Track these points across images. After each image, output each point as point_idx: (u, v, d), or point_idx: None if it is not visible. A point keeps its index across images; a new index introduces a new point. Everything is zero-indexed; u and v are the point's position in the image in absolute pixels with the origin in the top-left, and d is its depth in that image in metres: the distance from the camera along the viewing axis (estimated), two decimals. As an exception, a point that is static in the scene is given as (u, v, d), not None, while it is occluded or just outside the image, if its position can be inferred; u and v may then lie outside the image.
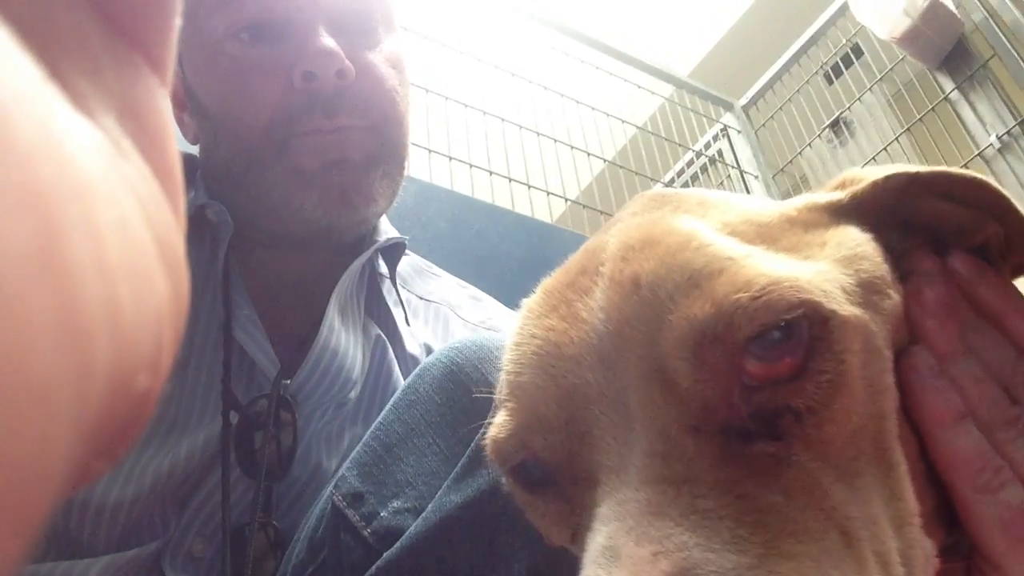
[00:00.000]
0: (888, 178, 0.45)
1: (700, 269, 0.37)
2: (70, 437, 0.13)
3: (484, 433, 0.61)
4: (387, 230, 1.06)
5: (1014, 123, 2.29)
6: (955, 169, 0.46)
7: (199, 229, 0.93)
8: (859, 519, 0.35)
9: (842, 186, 0.47)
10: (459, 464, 0.62)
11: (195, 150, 1.02)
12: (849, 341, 0.37)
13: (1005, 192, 0.45)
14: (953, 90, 2.48)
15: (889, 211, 0.46)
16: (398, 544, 0.61)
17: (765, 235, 0.41)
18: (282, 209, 0.91)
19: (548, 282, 0.45)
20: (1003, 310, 0.44)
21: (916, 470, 0.40)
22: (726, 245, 0.39)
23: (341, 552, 0.65)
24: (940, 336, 0.43)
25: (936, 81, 2.56)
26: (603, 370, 0.38)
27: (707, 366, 0.36)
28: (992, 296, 0.45)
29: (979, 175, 0.46)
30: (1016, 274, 0.48)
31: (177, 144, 0.19)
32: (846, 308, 0.38)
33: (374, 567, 0.61)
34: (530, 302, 0.45)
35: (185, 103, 0.98)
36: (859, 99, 2.77)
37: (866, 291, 0.40)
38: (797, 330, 0.36)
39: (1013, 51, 2.31)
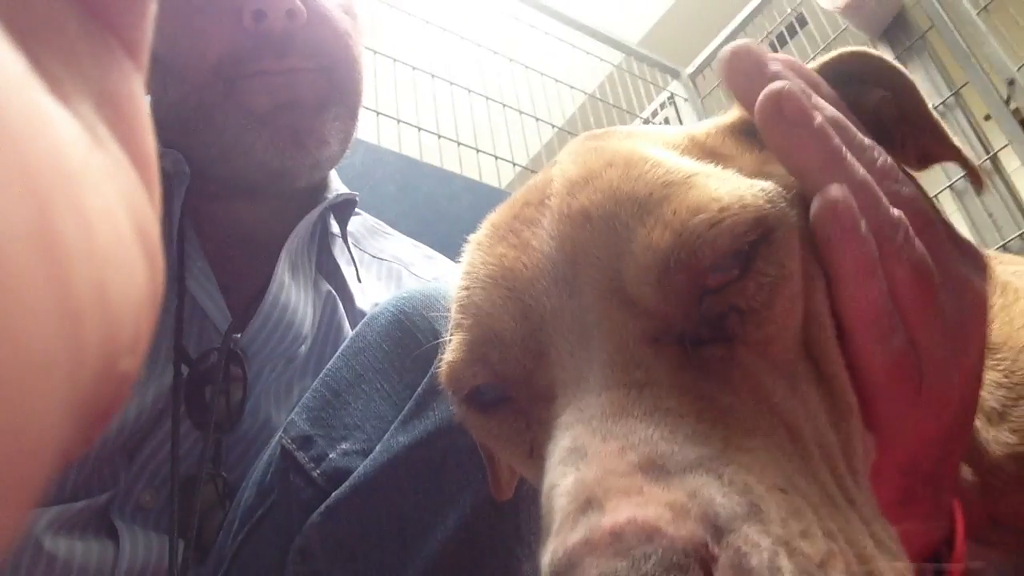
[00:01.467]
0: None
1: (648, 196, 0.39)
2: (63, 415, 0.14)
3: (432, 377, 0.63)
4: (338, 187, 1.06)
5: (949, 93, 2.36)
6: (833, 55, 0.48)
7: None
8: (801, 415, 0.37)
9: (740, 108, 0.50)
10: (406, 407, 0.64)
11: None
12: (791, 247, 0.39)
13: (887, 59, 0.47)
14: (893, 60, 2.54)
15: None
16: (347, 484, 0.63)
17: (690, 155, 0.43)
18: (233, 151, 0.90)
19: (493, 217, 0.46)
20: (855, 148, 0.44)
21: None
22: (666, 168, 0.40)
23: (291, 493, 0.66)
24: (817, 144, 0.41)
25: (877, 51, 2.61)
26: (558, 293, 0.40)
27: (670, 290, 0.38)
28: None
29: (860, 48, 0.48)
30: (922, 164, 0.49)
31: (152, 129, 0.19)
32: (786, 217, 0.39)
33: (324, 505, 0.63)
34: (477, 236, 0.46)
35: None
36: (802, 68, 2.82)
37: (795, 198, 0.42)
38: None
39: (949, 23, 2.37)
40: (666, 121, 3.19)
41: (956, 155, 0.48)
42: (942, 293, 0.42)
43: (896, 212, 0.41)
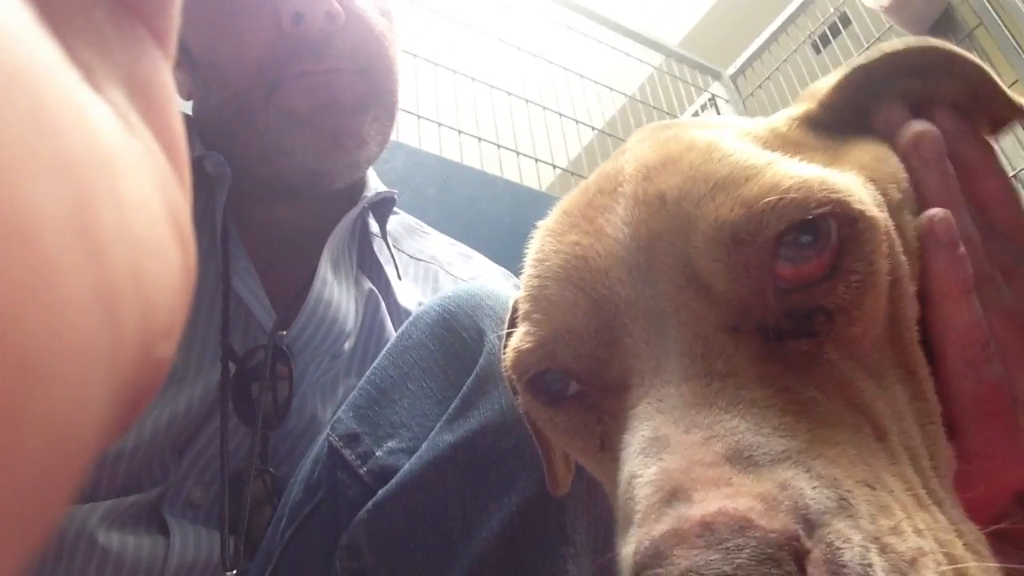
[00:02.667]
0: (844, 78, 0.47)
1: (726, 177, 0.38)
2: (104, 398, 0.14)
3: (477, 376, 0.63)
4: (376, 185, 1.07)
5: (998, 92, 2.31)
6: (900, 46, 0.47)
7: (194, 181, 0.93)
8: (888, 415, 0.36)
9: (808, 98, 0.49)
10: (452, 406, 0.64)
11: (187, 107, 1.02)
12: (878, 242, 0.38)
13: (955, 48, 0.46)
14: (958, 49, 2.50)
15: (860, 106, 0.47)
16: (393, 481, 0.63)
17: (771, 148, 0.42)
18: (274, 153, 0.91)
19: (564, 203, 0.46)
20: (979, 166, 0.45)
21: None
22: (748, 153, 0.39)
23: (338, 490, 0.67)
24: (944, 189, 0.44)
25: (940, 42, 2.57)
26: (632, 282, 0.39)
27: (740, 266, 0.37)
28: (972, 152, 0.46)
29: (931, 40, 0.47)
30: (996, 128, 0.49)
31: (181, 117, 0.19)
32: (873, 210, 0.38)
33: (370, 503, 0.63)
34: (548, 222, 0.46)
35: (179, 58, 0.97)
36: (846, 68, 2.78)
37: (882, 196, 0.41)
38: (826, 230, 0.37)
39: (999, 20, 2.33)
40: (707, 123, 3.17)
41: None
42: None
43: (989, 270, 0.43)
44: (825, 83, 0.49)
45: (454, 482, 0.62)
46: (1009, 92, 0.46)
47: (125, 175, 0.15)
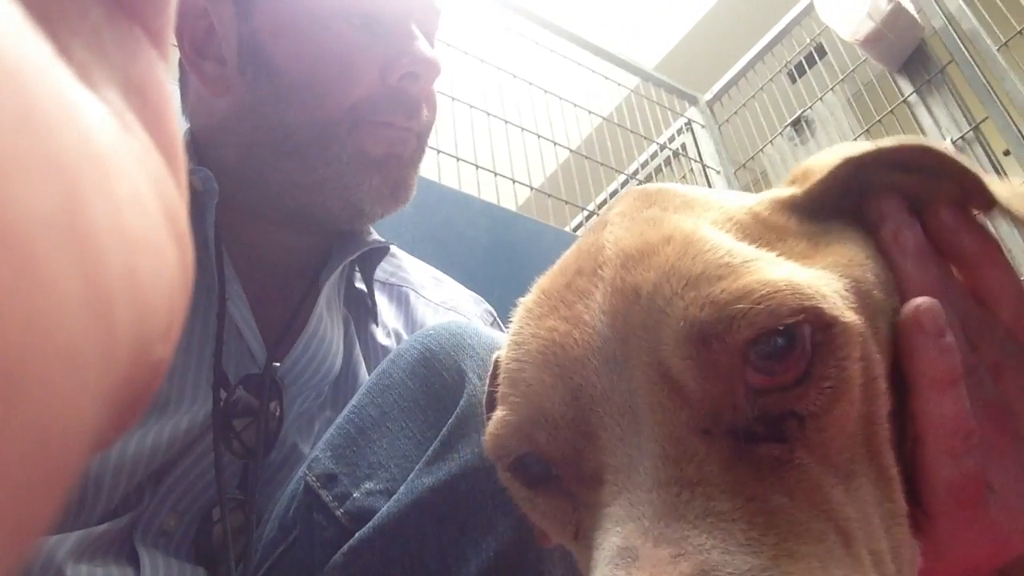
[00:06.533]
0: (834, 170, 0.46)
1: (699, 275, 0.38)
2: (96, 402, 0.13)
3: (457, 418, 0.63)
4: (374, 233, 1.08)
5: (969, 127, 2.36)
6: (895, 141, 0.46)
7: None
8: (855, 519, 0.36)
9: (799, 178, 0.48)
10: (431, 448, 0.64)
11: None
12: (851, 348, 0.38)
13: (943, 150, 0.46)
14: (912, 93, 2.54)
15: (851, 192, 0.47)
16: (370, 524, 0.62)
17: (750, 236, 0.42)
18: (333, 183, 0.93)
19: (544, 282, 0.45)
20: (979, 257, 0.45)
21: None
22: (724, 249, 0.39)
23: (313, 531, 0.66)
24: (923, 279, 0.43)
25: (896, 84, 2.62)
26: (608, 373, 0.39)
27: (710, 365, 0.37)
28: (970, 244, 0.45)
29: (921, 140, 0.46)
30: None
31: (177, 118, 0.19)
32: (847, 315, 0.38)
33: (346, 546, 0.63)
34: (527, 302, 0.45)
35: (233, 56, 0.94)
36: (821, 99, 2.82)
37: (858, 296, 0.41)
38: (799, 336, 0.37)
39: (969, 57, 2.38)
40: (683, 147, 3.20)
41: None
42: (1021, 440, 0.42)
43: (972, 360, 0.42)
44: (815, 165, 0.48)
45: (432, 526, 0.61)
46: (992, 187, 0.45)
47: (119, 173, 0.14)
